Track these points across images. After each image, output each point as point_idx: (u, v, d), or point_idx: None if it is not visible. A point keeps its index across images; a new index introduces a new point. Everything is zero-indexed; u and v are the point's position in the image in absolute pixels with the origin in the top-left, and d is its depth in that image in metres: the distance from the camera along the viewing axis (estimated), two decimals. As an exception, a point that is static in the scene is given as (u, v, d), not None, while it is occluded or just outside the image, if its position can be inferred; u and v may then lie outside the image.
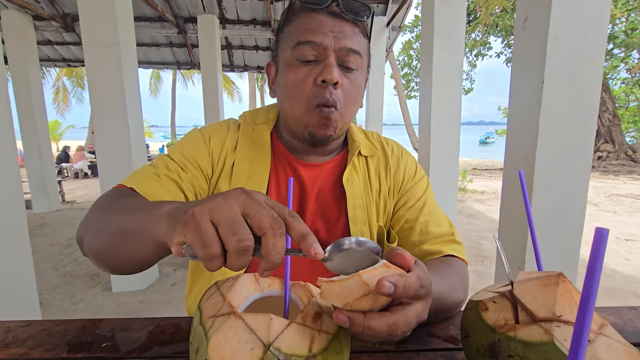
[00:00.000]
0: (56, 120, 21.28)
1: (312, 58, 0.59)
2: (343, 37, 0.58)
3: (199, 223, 0.31)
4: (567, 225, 1.35)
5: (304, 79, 0.59)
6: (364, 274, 0.34)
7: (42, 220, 4.69)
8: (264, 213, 0.32)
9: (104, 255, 0.48)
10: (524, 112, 1.34)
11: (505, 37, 12.30)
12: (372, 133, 0.78)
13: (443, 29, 2.57)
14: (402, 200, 0.71)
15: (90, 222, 0.52)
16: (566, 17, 1.16)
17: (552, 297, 0.35)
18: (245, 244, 0.31)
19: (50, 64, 7.03)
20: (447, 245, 0.65)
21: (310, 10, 0.59)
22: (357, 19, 0.60)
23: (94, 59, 2.33)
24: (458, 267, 0.62)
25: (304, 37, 0.58)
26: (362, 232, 0.66)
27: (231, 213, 0.31)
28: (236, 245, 0.31)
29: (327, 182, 0.69)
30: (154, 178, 0.60)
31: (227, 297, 0.38)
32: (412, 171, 0.73)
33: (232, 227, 0.31)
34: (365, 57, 0.63)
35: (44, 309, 2.36)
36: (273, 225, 0.31)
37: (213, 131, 0.69)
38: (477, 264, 3.18)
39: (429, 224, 0.67)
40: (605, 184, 7.79)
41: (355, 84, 0.62)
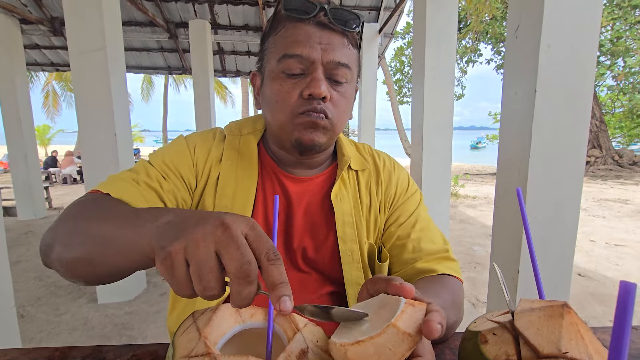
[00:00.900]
0: (46, 125, 20.96)
1: (299, 71, 0.56)
2: (331, 50, 0.55)
3: (173, 263, 0.31)
4: (560, 234, 1.33)
5: (289, 92, 0.56)
6: (398, 323, 0.29)
7: (27, 228, 4.57)
8: (235, 256, 0.30)
9: (78, 265, 0.44)
10: (517, 120, 1.33)
11: (495, 44, 12.51)
12: (364, 145, 0.75)
13: (435, 37, 2.57)
14: (393, 216, 0.68)
15: (61, 229, 0.47)
16: (558, 26, 1.16)
17: (557, 330, 0.32)
18: (209, 293, 0.31)
19: (38, 68, 6.90)
20: (441, 263, 0.63)
21: (297, 20, 0.56)
22: (346, 30, 0.57)
23: (80, 64, 2.28)
24: (452, 287, 0.60)
25: (290, 50, 0.55)
26: (352, 250, 0.63)
27: (204, 254, 0.30)
28: (201, 292, 0.31)
29: (316, 198, 0.66)
30: (132, 184, 0.56)
31: (204, 333, 0.34)
32: (404, 186, 0.71)
33: (200, 272, 0.30)
34: (355, 68, 0.60)
35: (26, 322, 2.27)
36: (239, 273, 0.30)
37: (198, 141, 0.65)
38: (470, 270, 3.17)
39: (421, 241, 0.65)
40: (593, 188, 7.90)
41: (345, 97, 0.59)
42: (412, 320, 0.30)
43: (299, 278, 0.64)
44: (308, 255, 0.64)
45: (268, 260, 0.31)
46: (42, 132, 20.74)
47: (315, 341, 0.36)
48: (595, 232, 4.39)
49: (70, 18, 2.24)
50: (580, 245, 3.85)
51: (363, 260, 0.64)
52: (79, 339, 2.09)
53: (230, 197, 0.62)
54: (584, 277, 3.00)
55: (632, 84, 11.16)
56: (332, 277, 0.65)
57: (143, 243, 0.36)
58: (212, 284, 0.30)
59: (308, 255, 0.64)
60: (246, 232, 0.32)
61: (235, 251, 0.30)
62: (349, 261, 0.63)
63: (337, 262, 0.64)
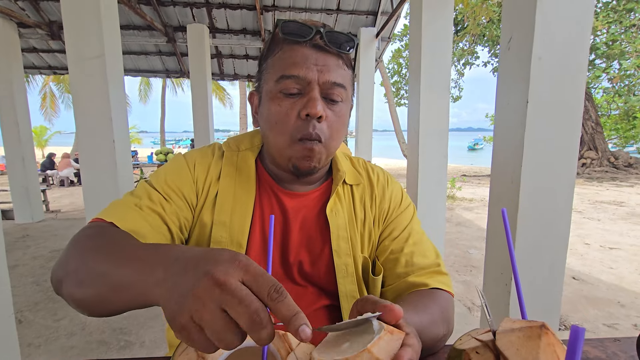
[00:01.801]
0: (43, 126, 20.87)
1: (296, 91, 0.58)
2: (327, 71, 0.58)
3: (190, 333, 0.31)
4: (552, 240, 1.36)
5: (287, 112, 0.58)
6: (373, 349, 0.31)
7: (24, 232, 4.56)
8: (241, 311, 0.30)
9: (88, 304, 0.45)
10: (510, 129, 1.35)
11: (492, 47, 12.59)
12: (358, 159, 0.77)
13: (431, 42, 2.60)
14: (387, 230, 0.70)
15: (70, 265, 0.48)
16: (549, 39, 1.19)
17: (535, 351, 0.34)
18: (231, 346, 0.31)
19: (36, 72, 6.89)
20: (433, 278, 0.64)
21: (294, 42, 0.58)
22: (341, 52, 0.60)
23: (78, 71, 2.29)
24: (441, 301, 0.61)
25: (288, 71, 0.57)
26: (347, 264, 0.65)
27: (211, 317, 0.30)
28: (224, 346, 0.31)
29: (311, 212, 0.67)
30: (136, 210, 0.58)
31: (201, 354, 0.36)
32: (397, 200, 0.72)
33: (217, 334, 0.31)
34: (350, 87, 0.63)
35: (24, 327, 2.28)
36: (252, 326, 0.30)
37: (197, 158, 0.67)
38: (466, 273, 3.19)
39: (414, 255, 0.66)
40: (589, 190, 7.96)
41: (340, 116, 0.61)
42: (387, 349, 0.31)
43: (295, 291, 0.65)
44: (304, 269, 0.66)
45: (273, 301, 0.31)
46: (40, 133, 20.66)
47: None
48: (590, 235, 4.43)
49: (69, 24, 2.26)
50: (575, 248, 3.88)
51: (357, 274, 0.66)
52: (78, 344, 2.09)
53: (228, 213, 0.64)
54: (578, 280, 3.03)
55: (628, 86, 11.26)
56: (328, 290, 0.66)
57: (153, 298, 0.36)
58: (231, 338, 0.31)
59: (304, 269, 0.66)
60: (242, 279, 0.32)
61: (239, 306, 0.30)
62: (344, 275, 0.65)
63: (332, 276, 0.65)
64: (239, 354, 0.40)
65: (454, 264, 3.41)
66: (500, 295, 1.44)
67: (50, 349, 2.05)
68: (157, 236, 0.58)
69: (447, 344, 0.60)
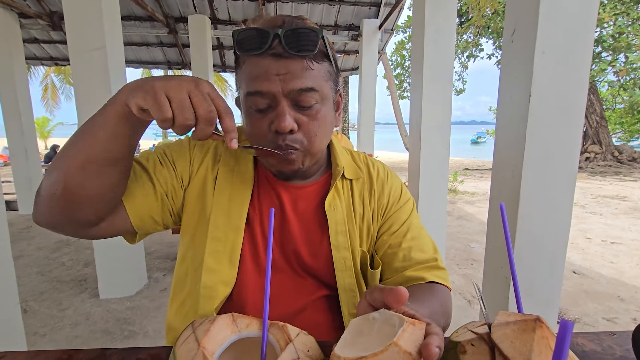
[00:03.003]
0: (45, 117, 20.90)
1: (265, 106, 0.57)
2: (290, 79, 0.54)
3: (157, 94, 0.43)
4: (553, 234, 1.36)
5: (260, 127, 0.58)
6: (400, 341, 0.31)
7: (28, 223, 4.60)
8: (203, 104, 0.45)
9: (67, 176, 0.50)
10: (512, 123, 1.35)
11: (496, 39, 12.43)
12: (359, 154, 0.77)
13: (434, 35, 2.57)
14: (386, 224, 0.70)
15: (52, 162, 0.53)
16: (552, 33, 1.17)
17: (529, 343, 0.35)
18: (188, 123, 0.45)
19: (37, 63, 6.88)
20: (430, 272, 0.65)
21: (253, 55, 0.56)
22: (304, 54, 0.55)
23: (80, 62, 2.28)
24: (440, 294, 0.62)
25: (252, 87, 0.56)
26: (345, 258, 0.66)
27: (182, 95, 0.44)
28: (182, 121, 0.45)
29: (310, 206, 0.68)
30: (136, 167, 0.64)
31: (202, 343, 0.37)
32: (397, 195, 0.72)
33: (181, 107, 0.44)
34: (326, 83, 0.59)
35: (29, 316, 2.32)
36: (205, 115, 0.45)
37: (200, 142, 0.70)
38: (467, 267, 3.21)
39: (412, 250, 0.67)
40: (592, 184, 7.93)
41: (317, 118, 0.59)
42: (412, 340, 0.32)
43: (295, 282, 0.66)
44: (303, 261, 0.66)
45: (225, 113, 0.47)
46: (42, 124, 20.71)
47: (306, 351, 0.39)
48: (592, 229, 4.43)
49: (70, 16, 2.24)
50: (576, 242, 3.89)
51: (355, 268, 0.67)
52: (82, 333, 2.13)
53: (226, 199, 0.65)
54: (579, 274, 3.05)
55: (633, 79, 11.13)
56: (327, 282, 0.67)
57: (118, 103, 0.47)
58: (189, 116, 0.45)
59: (303, 261, 0.66)
60: (209, 92, 0.46)
61: (203, 101, 0.45)
62: (342, 268, 0.66)
63: (331, 269, 0.66)
64: (238, 344, 0.41)
65: (454, 257, 3.43)
66: (500, 289, 1.45)
67: (55, 337, 2.09)
68: (139, 189, 0.61)
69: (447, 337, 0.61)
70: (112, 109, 0.48)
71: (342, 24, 5.57)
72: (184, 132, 0.45)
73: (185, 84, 0.45)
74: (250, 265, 0.64)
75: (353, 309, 0.66)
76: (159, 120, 0.44)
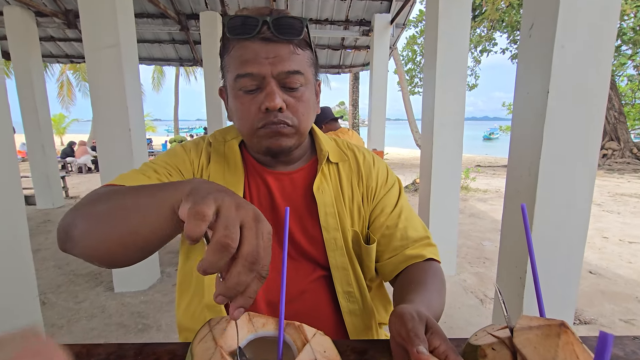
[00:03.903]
0: (61, 114, 21.36)
1: (254, 87, 0.60)
2: (279, 62, 0.58)
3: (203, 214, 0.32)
4: (570, 234, 1.33)
5: (249, 108, 0.61)
6: None
7: (45, 217, 4.72)
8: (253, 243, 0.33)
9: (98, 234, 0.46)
10: (529, 120, 1.31)
11: (511, 33, 12.15)
12: (343, 141, 0.80)
13: (448, 28, 2.53)
14: (378, 207, 0.73)
15: (85, 208, 0.49)
16: (573, 27, 1.14)
17: (553, 349, 0.34)
18: (228, 241, 0.32)
19: (53, 60, 7.01)
20: (426, 249, 0.70)
21: (242, 39, 0.59)
22: (291, 39, 0.59)
23: (95, 60, 2.32)
24: (437, 271, 0.67)
25: (242, 70, 0.59)
26: (335, 238, 0.69)
27: (234, 218, 0.33)
28: (222, 238, 0.32)
29: (299, 191, 0.71)
30: (144, 178, 0.62)
31: (219, 343, 0.37)
32: (383, 177, 0.76)
33: (228, 222, 0.33)
34: (309, 68, 0.63)
35: (47, 308, 2.38)
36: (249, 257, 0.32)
37: (192, 146, 0.74)
38: (479, 265, 3.17)
39: (407, 229, 0.71)
40: (609, 182, 7.72)
41: (303, 100, 0.63)
42: None
43: (291, 265, 0.69)
44: (298, 244, 0.69)
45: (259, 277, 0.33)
46: (58, 121, 21.17)
47: (323, 351, 0.39)
48: (609, 228, 4.32)
49: (85, 14, 2.28)
50: (593, 241, 3.80)
51: (347, 247, 0.70)
52: (98, 326, 2.18)
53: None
54: (595, 274, 2.98)
55: (655, 74, 10.76)
56: (321, 263, 0.70)
57: (174, 198, 0.39)
58: (233, 236, 0.32)
59: (298, 244, 0.69)
60: (269, 234, 0.35)
61: (255, 240, 0.33)
62: (333, 248, 0.69)
63: (323, 250, 0.70)
64: (255, 343, 0.41)
65: (466, 255, 3.39)
66: (514, 289, 1.42)
67: (72, 329, 2.14)
68: None
69: (461, 338, 0.60)
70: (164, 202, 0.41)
71: (353, 19, 5.52)
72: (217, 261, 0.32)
73: (246, 212, 0.35)
74: None
75: (347, 286, 0.70)
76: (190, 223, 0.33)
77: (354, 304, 0.70)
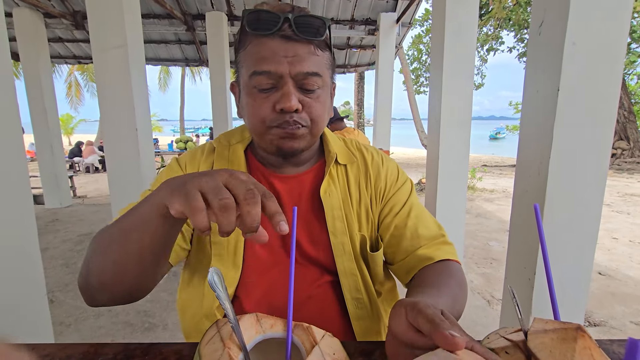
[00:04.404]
0: (69, 114, 21.61)
1: (270, 86, 0.58)
2: (298, 62, 0.56)
3: (188, 191, 0.38)
4: (580, 235, 1.31)
5: (263, 106, 0.58)
6: None
7: (54, 216, 4.78)
8: (241, 185, 0.38)
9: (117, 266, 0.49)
10: (538, 120, 1.29)
11: (518, 31, 12.04)
12: (352, 141, 0.77)
13: (454, 27, 2.50)
14: (387, 207, 0.70)
15: (89, 257, 0.52)
16: (584, 23, 1.11)
17: (570, 354, 0.33)
18: (226, 202, 0.37)
19: (61, 61, 7.10)
20: (440, 249, 0.66)
21: (261, 36, 0.57)
22: (312, 39, 0.57)
23: (102, 60, 2.34)
24: (455, 272, 0.63)
25: (259, 67, 0.56)
26: (343, 243, 0.66)
27: (214, 183, 0.38)
28: (218, 202, 0.36)
29: (306, 194, 0.68)
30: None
31: (227, 344, 0.37)
32: (394, 176, 0.73)
33: (214, 191, 0.37)
34: (327, 71, 0.61)
35: (55, 307, 2.41)
36: (246, 196, 0.37)
37: (188, 159, 0.71)
38: (486, 266, 3.14)
39: (418, 228, 0.68)
40: (618, 182, 7.61)
41: (319, 101, 0.61)
42: None
43: (298, 270, 0.66)
44: (304, 249, 0.67)
45: (265, 197, 0.39)
46: (66, 121, 21.41)
47: (332, 354, 0.38)
48: (619, 229, 4.26)
49: (92, 15, 2.30)
50: (602, 242, 3.74)
51: (355, 252, 0.68)
52: (105, 324, 2.20)
53: None
54: (605, 275, 2.93)
55: (665, 72, 10.58)
56: (329, 268, 0.68)
57: (157, 203, 0.43)
58: (226, 195, 0.37)
59: (304, 249, 0.67)
60: (246, 178, 0.40)
61: (240, 183, 0.39)
62: (341, 253, 0.66)
63: (330, 255, 0.67)
64: (263, 344, 0.41)
65: (473, 256, 3.36)
66: (523, 291, 1.40)
67: (79, 328, 2.16)
68: None
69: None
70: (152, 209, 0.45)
71: (359, 18, 5.50)
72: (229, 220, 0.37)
73: (218, 176, 0.40)
74: (252, 263, 0.66)
75: (355, 292, 0.67)
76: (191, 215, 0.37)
77: (363, 310, 0.68)
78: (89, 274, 0.52)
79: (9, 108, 1.38)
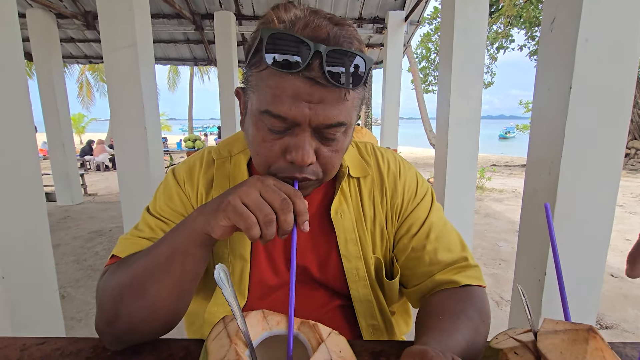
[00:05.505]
0: (80, 114, 21.95)
1: (282, 129, 0.47)
2: (322, 111, 0.45)
3: (235, 205, 0.43)
4: (592, 236, 1.28)
5: (270, 148, 0.49)
6: None
7: (65, 213, 4.86)
8: (275, 196, 0.43)
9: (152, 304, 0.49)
10: (549, 118, 1.27)
11: (528, 29, 11.85)
12: (366, 145, 0.68)
13: (464, 25, 2.47)
14: (404, 226, 0.63)
15: (118, 297, 0.50)
16: (597, 19, 1.09)
17: (581, 356, 0.32)
18: (270, 217, 0.42)
19: (73, 61, 7.22)
20: (461, 273, 0.59)
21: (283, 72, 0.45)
22: (344, 86, 0.45)
23: (113, 60, 2.37)
24: (475, 300, 0.56)
25: (273, 108, 0.45)
26: (357, 268, 0.61)
27: (255, 196, 0.43)
28: (264, 218, 0.42)
29: (314, 214, 0.62)
30: (140, 241, 0.59)
31: (234, 340, 0.37)
32: (412, 191, 0.64)
33: (258, 207, 0.42)
34: (356, 110, 0.50)
35: (66, 302, 2.45)
36: (282, 205, 0.43)
37: (186, 174, 0.64)
38: (494, 267, 3.10)
39: (438, 252, 0.60)
40: (632, 183, 7.45)
41: (337, 150, 0.51)
42: None
43: (305, 293, 0.61)
44: (312, 273, 0.62)
45: (295, 196, 0.44)
46: (77, 120, 21.76)
47: (338, 351, 0.38)
48: (632, 230, 4.17)
49: (103, 15, 2.33)
50: (615, 244, 3.67)
51: (370, 277, 0.62)
52: (114, 320, 2.23)
53: None
54: (617, 277, 2.88)
55: (682, 70, 10.31)
56: (340, 292, 0.63)
57: (194, 232, 0.46)
58: (269, 211, 0.42)
59: (312, 273, 0.62)
60: (273, 182, 0.45)
61: (273, 193, 0.43)
62: (355, 279, 0.61)
63: (342, 279, 0.62)
64: (269, 341, 0.41)
65: (481, 256, 3.32)
66: (533, 291, 1.38)
67: (90, 323, 2.20)
68: None
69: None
70: (189, 240, 0.47)
71: (367, 16, 5.48)
72: (272, 232, 0.43)
73: (254, 187, 0.44)
74: (258, 289, 0.62)
75: (371, 319, 0.62)
76: (247, 228, 0.42)
77: (378, 335, 0.63)
78: (117, 318, 0.49)
79: (22, 107, 1.41)
